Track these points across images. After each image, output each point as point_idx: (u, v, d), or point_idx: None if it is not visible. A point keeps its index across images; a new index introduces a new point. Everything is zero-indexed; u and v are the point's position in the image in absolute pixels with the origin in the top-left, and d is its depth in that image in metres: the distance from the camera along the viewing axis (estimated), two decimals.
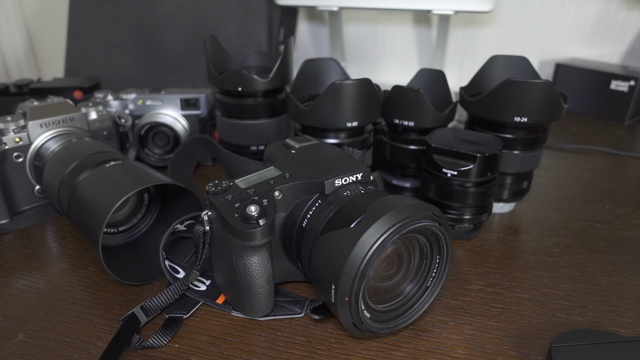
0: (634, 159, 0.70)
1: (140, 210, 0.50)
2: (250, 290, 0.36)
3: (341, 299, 0.31)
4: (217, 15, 0.84)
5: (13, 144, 0.51)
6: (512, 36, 0.98)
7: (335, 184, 0.37)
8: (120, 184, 0.42)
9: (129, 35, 0.87)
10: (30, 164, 0.52)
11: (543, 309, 0.40)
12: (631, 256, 0.47)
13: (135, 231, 0.50)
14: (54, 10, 1.15)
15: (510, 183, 0.51)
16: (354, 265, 0.31)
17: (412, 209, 0.33)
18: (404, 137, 0.52)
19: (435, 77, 0.54)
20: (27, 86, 0.73)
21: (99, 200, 0.41)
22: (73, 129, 0.54)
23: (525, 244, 0.49)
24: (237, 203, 0.35)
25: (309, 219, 0.36)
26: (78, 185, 0.44)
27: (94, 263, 0.46)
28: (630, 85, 0.81)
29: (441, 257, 0.37)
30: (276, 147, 0.44)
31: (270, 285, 0.37)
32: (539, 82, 0.44)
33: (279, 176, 0.38)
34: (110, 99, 0.64)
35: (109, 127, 0.59)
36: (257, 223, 0.34)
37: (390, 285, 0.36)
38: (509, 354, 0.35)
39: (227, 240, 0.35)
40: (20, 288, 0.43)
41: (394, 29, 1.04)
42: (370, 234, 0.31)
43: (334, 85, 0.46)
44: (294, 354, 0.36)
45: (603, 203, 0.57)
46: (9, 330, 0.38)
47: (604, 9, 0.91)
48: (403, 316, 0.37)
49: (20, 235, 0.51)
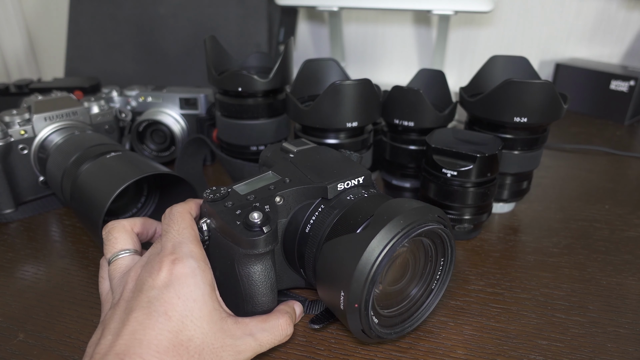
0: (634, 159, 0.70)
1: (140, 200, 0.52)
2: (254, 299, 0.35)
3: (351, 305, 0.31)
4: (217, 15, 0.84)
5: (18, 136, 0.52)
6: (512, 36, 0.98)
7: (337, 188, 0.36)
8: (120, 174, 0.43)
9: (129, 35, 0.88)
10: (35, 156, 0.54)
11: (543, 309, 0.40)
12: (631, 256, 0.47)
13: None
14: (54, 10, 1.15)
15: (510, 183, 0.51)
16: (363, 271, 0.30)
17: (419, 213, 0.32)
18: (404, 138, 0.52)
19: (435, 77, 0.54)
20: (27, 86, 0.73)
21: (100, 189, 0.43)
22: (76, 123, 0.56)
23: (525, 244, 0.49)
24: (238, 210, 0.34)
25: (312, 225, 0.36)
26: (80, 175, 0.46)
27: (94, 263, 0.46)
28: (630, 85, 0.81)
29: (445, 259, 0.36)
30: (272, 151, 0.43)
31: (274, 293, 0.36)
32: (539, 82, 0.44)
33: (278, 181, 0.37)
34: (114, 95, 0.66)
35: (110, 122, 0.61)
36: (261, 230, 0.33)
37: (397, 289, 0.36)
38: (509, 354, 0.35)
39: (229, 249, 0.34)
40: (21, 288, 0.43)
41: (394, 29, 1.04)
42: (380, 239, 0.31)
43: (334, 86, 0.46)
44: (293, 354, 0.36)
45: (603, 203, 0.57)
46: (9, 330, 0.38)
47: (604, 9, 0.91)
48: (409, 320, 0.36)
49: (24, 225, 0.53)
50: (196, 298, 0.30)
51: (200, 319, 0.29)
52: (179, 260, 0.30)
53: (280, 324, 0.33)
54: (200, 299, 0.30)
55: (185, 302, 0.29)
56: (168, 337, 0.28)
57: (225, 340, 0.30)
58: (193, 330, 0.29)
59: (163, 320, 0.28)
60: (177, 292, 0.29)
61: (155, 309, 0.29)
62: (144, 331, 0.28)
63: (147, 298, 0.29)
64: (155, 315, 0.28)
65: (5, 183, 0.52)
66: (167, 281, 0.30)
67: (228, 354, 0.30)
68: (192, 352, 0.28)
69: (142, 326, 0.28)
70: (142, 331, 0.28)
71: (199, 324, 0.29)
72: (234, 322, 0.31)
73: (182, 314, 0.29)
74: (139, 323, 0.28)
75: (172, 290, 0.29)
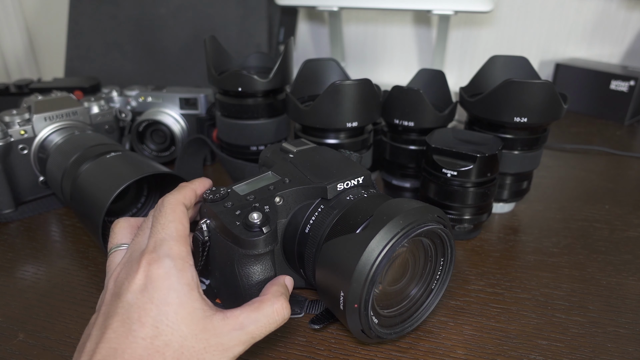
0: (634, 159, 0.70)
1: (140, 200, 0.52)
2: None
3: (350, 306, 0.31)
4: (217, 15, 0.84)
5: (18, 136, 0.52)
6: (512, 36, 0.98)
7: (337, 188, 0.36)
8: (120, 174, 0.43)
9: (129, 35, 0.88)
10: (35, 156, 0.54)
11: (543, 309, 0.40)
12: (631, 256, 0.47)
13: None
14: (54, 10, 1.15)
15: (510, 183, 0.51)
16: (363, 272, 0.30)
17: (419, 213, 0.32)
18: (404, 137, 0.52)
19: (435, 77, 0.54)
20: (27, 86, 0.73)
21: (100, 189, 0.43)
22: (76, 123, 0.56)
23: (525, 244, 0.49)
24: (237, 210, 0.34)
25: (312, 225, 0.36)
26: (80, 175, 0.46)
27: (94, 263, 0.46)
28: (630, 85, 0.81)
29: (445, 259, 0.36)
30: (272, 151, 0.43)
31: None
32: (539, 82, 0.44)
33: (278, 181, 0.37)
34: (114, 95, 0.66)
35: (110, 122, 0.61)
36: (261, 230, 0.33)
37: (396, 289, 0.36)
38: (509, 354, 0.35)
39: (229, 250, 0.34)
40: (21, 288, 0.43)
41: (394, 29, 1.04)
42: (379, 239, 0.31)
43: (334, 86, 0.46)
44: (294, 354, 0.36)
45: (603, 203, 0.57)
46: (9, 330, 0.38)
47: (604, 9, 0.91)
48: (409, 320, 0.36)
49: (24, 225, 0.53)
50: (170, 301, 0.29)
51: (177, 323, 0.28)
52: (154, 261, 0.30)
53: (276, 309, 0.31)
54: (176, 301, 0.29)
55: (159, 307, 0.28)
56: (142, 345, 0.27)
57: (209, 341, 0.29)
58: (170, 334, 0.28)
59: (137, 328, 0.28)
60: (151, 296, 0.28)
61: (129, 315, 0.28)
62: (117, 340, 0.27)
63: (122, 304, 0.29)
64: (128, 322, 0.28)
65: (5, 183, 0.52)
66: (142, 285, 0.29)
67: (212, 354, 0.29)
68: (169, 358, 0.27)
69: (116, 334, 0.27)
70: (116, 340, 0.27)
71: (176, 328, 0.28)
72: (222, 318, 0.30)
73: (155, 319, 0.28)
74: (113, 331, 0.28)
75: (146, 294, 0.29)
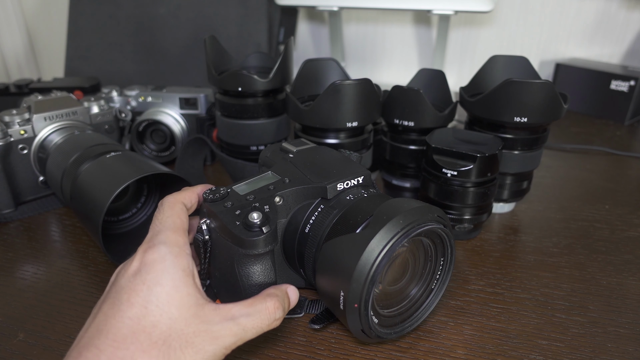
0: (634, 159, 0.70)
1: (140, 200, 0.52)
2: None
3: (350, 305, 0.31)
4: (217, 15, 0.84)
5: (18, 136, 0.52)
6: (512, 36, 0.98)
7: (337, 188, 0.36)
8: (120, 174, 0.43)
9: (129, 35, 0.88)
10: (35, 156, 0.54)
11: (543, 309, 0.40)
12: (631, 256, 0.47)
13: (135, 220, 0.51)
14: (54, 10, 1.15)
15: (510, 183, 0.51)
16: (363, 271, 0.30)
17: (419, 212, 0.32)
18: (404, 137, 0.52)
19: (435, 77, 0.54)
20: (27, 86, 0.73)
21: (100, 189, 0.43)
22: (76, 122, 0.56)
23: (525, 244, 0.49)
24: (237, 210, 0.34)
25: (312, 225, 0.36)
26: (80, 175, 0.46)
27: (94, 263, 0.46)
28: (630, 85, 0.81)
29: (445, 259, 0.36)
30: (272, 151, 0.43)
31: None
32: (539, 82, 0.44)
33: (278, 181, 0.37)
34: (114, 95, 0.66)
35: (110, 121, 0.61)
36: (260, 230, 0.33)
37: (396, 289, 0.36)
38: (509, 354, 0.35)
39: (229, 249, 0.34)
40: (21, 288, 0.43)
41: (394, 29, 1.04)
42: (379, 239, 0.31)
43: (334, 85, 0.46)
44: (294, 354, 0.36)
45: (603, 203, 0.57)
46: (9, 330, 0.38)
47: (604, 9, 0.91)
48: (409, 320, 0.36)
49: (24, 225, 0.53)
50: (164, 283, 0.29)
51: (168, 304, 0.28)
52: (150, 248, 0.30)
53: (267, 307, 0.31)
54: (169, 283, 0.29)
55: (150, 288, 0.28)
56: (128, 325, 0.27)
57: (199, 326, 0.29)
58: (158, 315, 0.28)
59: (125, 308, 0.28)
60: (143, 278, 0.29)
61: (119, 297, 0.28)
62: (105, 321, 0.28)
63: (115, 288, 0.29)
64: (117, 303, 0.28)
65: (5, 183, 0.52)
66: (136, 269, 0.30)
67: (202, 339, 0.28)
68: (155, 338, 0.27)
69: (105, 316, 0.28)
70: (105, 321, 0.28)
71: (166, 309, 0.28)
72: (213, 308, 0.30)
73: (145, 300, 0.28)
74: (103, 314, 0.28)
75: (138, 277, 0.29)
